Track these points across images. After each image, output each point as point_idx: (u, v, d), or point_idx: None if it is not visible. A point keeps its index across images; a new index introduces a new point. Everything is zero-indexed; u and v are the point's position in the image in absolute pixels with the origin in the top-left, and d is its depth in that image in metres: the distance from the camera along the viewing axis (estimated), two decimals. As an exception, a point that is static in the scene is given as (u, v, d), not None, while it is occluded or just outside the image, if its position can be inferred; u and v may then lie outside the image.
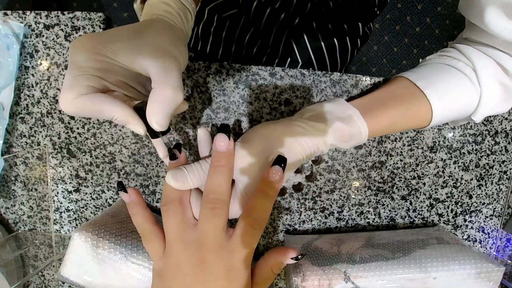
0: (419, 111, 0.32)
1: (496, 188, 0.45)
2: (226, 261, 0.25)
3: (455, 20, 1.32)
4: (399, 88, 0.34)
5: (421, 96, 0.32)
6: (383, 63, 1.34)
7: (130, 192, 0.28)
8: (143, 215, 0.28)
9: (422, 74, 0.33)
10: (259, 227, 0.26)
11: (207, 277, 0.25)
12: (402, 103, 0.32)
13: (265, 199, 0.25)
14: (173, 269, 0.26)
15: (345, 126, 0.30)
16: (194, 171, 0.27)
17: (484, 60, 0.32)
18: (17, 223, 0.44)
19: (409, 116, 0.32)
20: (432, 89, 0.32)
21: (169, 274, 0.26)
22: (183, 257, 0.25)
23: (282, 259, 0.27)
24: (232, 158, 0.27)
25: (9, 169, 0.42)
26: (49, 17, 0.39)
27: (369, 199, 0.43)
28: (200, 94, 0.40)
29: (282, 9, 0.50)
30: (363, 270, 0.35)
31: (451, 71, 0.33)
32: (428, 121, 0.33)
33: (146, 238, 0.27)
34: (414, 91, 0.32)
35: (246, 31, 0.55)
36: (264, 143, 0.28)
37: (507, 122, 0.43)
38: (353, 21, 0.57)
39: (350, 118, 0.31)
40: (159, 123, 0.25)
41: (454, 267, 0.35)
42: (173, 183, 0.27)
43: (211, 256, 0.25)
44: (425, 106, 0.32)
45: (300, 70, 0.39)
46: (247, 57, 0.57)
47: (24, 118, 0.41)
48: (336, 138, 0.30)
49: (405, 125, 0.33)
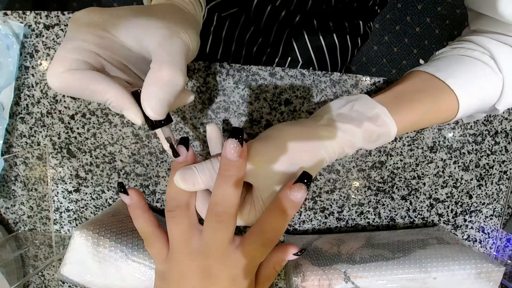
0: (446, 103, 0.31)
1: (496, 188, 0.45)
2: (231, 271, 0.24)
3: (455, 20, 1.32)
4: (420, 81, 0.32)
5: (445, 87, 0.30)
6: (383, 63, 1.34)
7: (131, 193, 0.26)
8: (144, 218, 0.26)
9: (439, 67, 0.32)
10: (271, 246, 0.24)
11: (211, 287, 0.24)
12: (428, 97, 0.30)
13: (281, 218, 0.23)
14: (176, 276, 0.25)
15: (374, 127, 0.28)
16: (205, 171, 0.25)
17: (501, 47, 0.31)
18: (17, 223, 0.44)
19: (436, 110, 0.31)
20: (453, 79, 0.30)
21: (173, 281, 0.25)
22: (187, 266, 0.25)
23: (283, 255, 0.26)
24: (243, 167, 0.24)
25: (9, 169, 0.42)
26: (49, 17, 0.39)
27: (369, 199, 0.43)
28: (200, 94, 0.40)
29: (282, 7, 0.50)
30: (363, 270, 0.35)
31: (469, 61, 0.32)
32: (454, 113, 0.31)
33: (148, 241, 0.27)
34: (436, 83, 0.31)
35: (246, 30, 0.55)
36: (287, 146, 0.25)
37: (507, 122, 0.43)
38: (354, 19, 0.57)
39: (378, 117, 0.28)
40: (154, 109, 0.21)
41: (454, 267, 0.35)
42: (182, 184, 0.24)
43: (216, 265, 0.24)
44: (451, 97, 0.30)
45: (300, 70, 0.39)
46: (247, 57, 0.57)
47: (24, 118, 0.41)
48: (365, 139, 0.28)
49: (432, 120, 0.32)
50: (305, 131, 0.27)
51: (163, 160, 0.41)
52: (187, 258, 0.25)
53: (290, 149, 0.25)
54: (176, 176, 0.24)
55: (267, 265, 0.27)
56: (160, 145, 0.41)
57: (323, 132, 0.27)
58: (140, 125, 0.23)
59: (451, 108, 0.31)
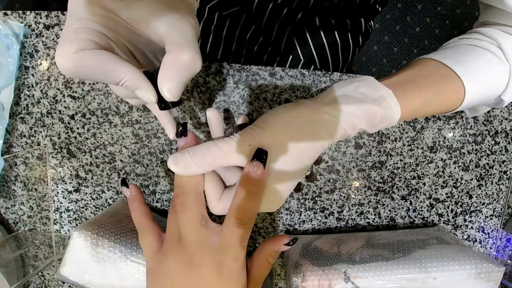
0: (452, 90, 0.30)
1: (496, 188, 0.45)
2: (214, 258, 0.24)
3: (455, 20, 1.32)
4: (427, 68, 0.31)
5: (451, 74, 0.30)
6: (383, 63, 1.34)
7: (131, 188, 0.28)
8: (141, 210, 0.28)
9: (447, 55, 0.32)
10: (246, 226, 0.25)
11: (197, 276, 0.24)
12: (434, 83, 0.30)
13: (249, 198, 0.24)
14: (165, 269, 0.25)
15: (378, 109, 0.27)
16: (198, 154, 0.24)
17: (509, 38, 0.31)
18: (17, 223, 0.44)
19: (442, 96, 0.30)
20: (461, 67, 0.30)
21: (162, 274, 0.25)
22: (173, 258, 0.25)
23: (276, 247, 0.27)
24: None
25: (9, 169, 0.42)
26: (49, 17, 0.39)
27: (369, 199, 0.43)
28: (200, 94, 0.40)
29: (284, 4, 0.50)
30: (363, 270, 0.35)
31: (477, 50, 0.32)
32: (459, 101, 0.31)
33: (142, 233, 0.27)
34: (443, 70, 0.30)
35: (247, 29, 0.55)
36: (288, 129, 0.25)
37: (507, 122, 0.43)
38: (356, 17, 0.57)
39: (384, 99, 0.27)
40: (172, 91, 0.22)
41: (454, 267, 0.35)
42: (173, 168, 0.24)
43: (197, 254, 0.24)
44: (457, 85, 0.30)
45: (300, 70, 0.39)
46: (248, 56, 0.57)
47: (24, 118, 0.41)
48: (367, 121, 0.27)
49: (437, 107, 0.31)
50: (306, 113, 0.26)
51: (163, 160, 0.41)
52: (174, 250, 0.25)
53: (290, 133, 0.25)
54: (169, 160, 0.24)
55: (260, 257, 0.27)
56: (160, 145, 0.41)
57: (324, 114, 0.26)
58: (153, 102, 0.23)
59: (457, 96, 0.30)
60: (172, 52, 0.21)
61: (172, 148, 0.41)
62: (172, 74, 0.21)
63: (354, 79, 0.30)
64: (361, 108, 0.27)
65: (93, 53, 0.20)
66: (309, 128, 0.26)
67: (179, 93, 0.22)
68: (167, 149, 0.41)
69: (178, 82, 0.22)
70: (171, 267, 0.25)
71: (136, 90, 0.23)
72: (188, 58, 0.21)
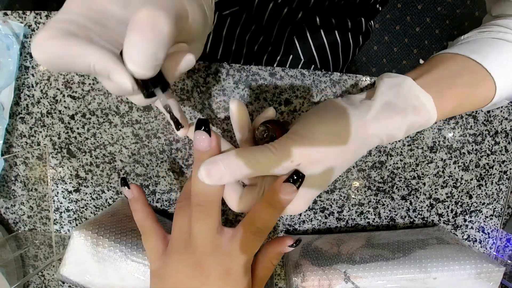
0: (483, 88, 0.28)
1: (496, 188, 0.45)
2: (224, 264, 0.24)
3: (455, 20, 1.32)
4: (455, 64, 0.29)
5: (482, 71, 0.28)
6: (383, 63, 1.34)
7: (133, 188, 0.27)
8: (144, 211, 0.27)
9: (473, 49, 0.30)
10: (262, 236, 0.24)
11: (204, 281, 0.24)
12: (467, 82, 0.28)
13: (272, 211, 0.24)
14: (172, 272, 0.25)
15: (418, 118, 0.26)
16: (232, 167, 0.22)
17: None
18: (17, 223, 0.44)
19: (475, 95, 0.29)
20: (489, 61, 0.28)
21: (168, 277, 0.25)
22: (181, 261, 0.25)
23: (279, 248, 0.26)
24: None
25: (9, 169, 0.42)
26: (49, 17, 0.39)
27: (369, 199, 0.43)
28: (200, 94, 0.40)
29: (285, 4, 0.49)
30: (363, 270, 0.35)
31: (501, 43, 0.30)
32: (490, 98, 0.29)
33: (146, 235, 0.27)
34: (472, 66, 0.28)
35: (247, 29, 0.55)
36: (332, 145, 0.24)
37: (507, 122, 0.43)
38: (356, 16, 0.57)
39: (423, 107, 0.26)
40: (136, 61, 0.17)
41: (454, 267, 0.35)
42: (207, 180, 0.22)
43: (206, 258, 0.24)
44: (488, 81, 0.28)
45: (300, 70, 0.39)
46: (248, 56, 0.57)
47: (24, 118, 0.41)
48: (406, 132, 0.26)
49: (468, 107, 0.30)
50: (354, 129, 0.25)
51: (163, 160, 0.41)
52: (181, 252, 0.25)
53: (335, 151, 0.24)
54: (201, 172, 0.22)
55: (264, 259, 0.27)
56: (160, 145, 0.41)
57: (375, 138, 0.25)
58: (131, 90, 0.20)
59: (487, 93, 0.29)
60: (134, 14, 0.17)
61: (172, 148, 0.41)
62: (132, 41, 0.17)
63: (392, 79, 0.28)
64: (404, 121, 0.26)
65: (59, 39, 0.18)
66: (353, 146, 0.25)
67: (149, 65, 0.18)
68: (167, 149, 0.41)
69: (140, 48, 0.17)
70: (177, 268, 0.25)
71: (109, 75, 0.19)
72: (145, 15, 0.17)
